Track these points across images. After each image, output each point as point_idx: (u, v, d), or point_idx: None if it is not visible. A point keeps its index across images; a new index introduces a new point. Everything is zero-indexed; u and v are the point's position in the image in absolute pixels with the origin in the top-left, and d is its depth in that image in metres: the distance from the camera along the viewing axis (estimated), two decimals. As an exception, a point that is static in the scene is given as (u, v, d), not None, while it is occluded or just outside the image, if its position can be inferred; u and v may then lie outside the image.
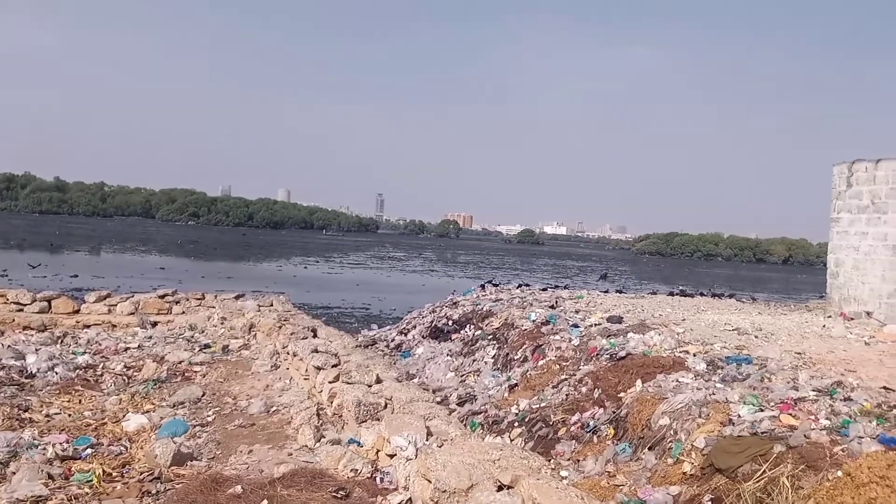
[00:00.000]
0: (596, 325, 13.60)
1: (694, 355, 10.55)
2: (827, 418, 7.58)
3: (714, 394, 8.68)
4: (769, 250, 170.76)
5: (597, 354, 11.67)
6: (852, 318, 14.81)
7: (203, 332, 14.12)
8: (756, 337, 12.43)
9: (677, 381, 9.44)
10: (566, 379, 11.30)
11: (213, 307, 15.29)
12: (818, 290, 17.59)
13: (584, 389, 10.65)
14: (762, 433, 7.33)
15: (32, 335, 13.43)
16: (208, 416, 8.70)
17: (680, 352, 10.87)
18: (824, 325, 14.13)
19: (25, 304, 14.42)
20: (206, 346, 12.76)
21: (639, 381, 9.87)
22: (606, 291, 23.06)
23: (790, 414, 7.73)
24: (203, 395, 9.56)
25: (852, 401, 8.11)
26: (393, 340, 17.86)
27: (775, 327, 13.76)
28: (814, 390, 8.55)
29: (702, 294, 23.60)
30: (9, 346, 12.22)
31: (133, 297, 15.59)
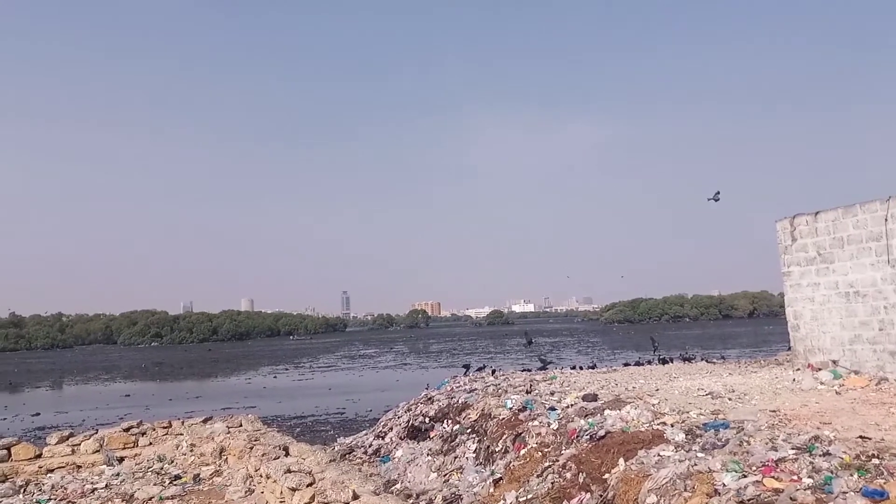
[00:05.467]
0: (572, 405, 13.51)
1: (672, 426, 10.51)
2: (809, 476, 7.56)
3: (696, 464, 8.60)
4: (734, 305, 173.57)
5: (577, 436, 11.54)
6: (820, 369, 15.00)
7: (172, 462, 13.63)
8: (730, 399, 12.47)
9: (658, 455, 9.37)
10: (550, 466, 11.12)
11: (181, 434, 14.81)
12: (786, 340, 17.84)
13: (568, 475, 10.48)
14: (749, 500, 7.27)
15: (-8, 488, 12.78)
16: (183, 554, 8.31)
17: (658, 424, 10.82)
18: (794, 379, 14.27)
19: (-16, 455, 13.78)
20: (177, 477, 12.30)
21: (621, 460, 9.77)
22: (576, 367, 23.07)
23: (773, 476, 7.70)
24: (176, 532, 9.15)
25: (831, 455, 8.11)
26: (370, 446, 17.41)
27: (747, 387, 13.86)
28: (793, 448, 8.54)
29: (669, 360, 23.76)
30: (-34, 503, 11.63)
31: (97, 433, 15.02)
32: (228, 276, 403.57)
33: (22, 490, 12.61)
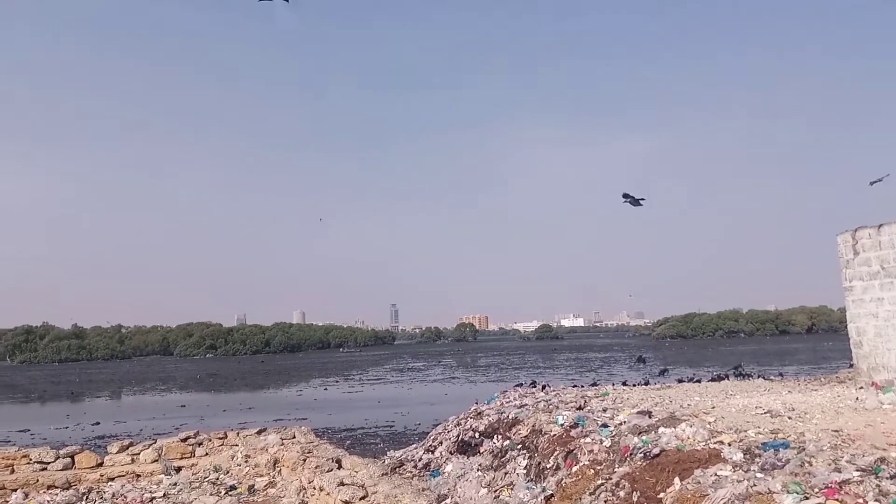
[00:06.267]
0: (625, 422, 13.30)
1: (729, 445, 10.26)
2: (876, 500, 7.30)
3: (755, 485, 8.38)
4: (791, 321, 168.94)
5: (630, 454, 11.36)
6: (884, 387, 14.45)
7: (228, 472, 13.90)
8: (790, 418, 12.10)
9: (716, 474, 9.15)
10: (602, 484, 10.95)
11: (237, 445, 15.09)
12: (847, 357, 17.28)
13: (622, 493, 10.31)
14: (811, 524, 7.06)
15: (57, 494, 13.26)
16: (239, 564, 8.45)
17: (714, 443, 10.57)
18: (857, 398, 13.78)
19: (49, 463, 14.30)
20: (232, 487, 12.54)
21: (677, 479, 9.56)
22: (626, 383, 22.73)
23: (837, 499, 7.46)
24: (232, 542, 9.31)
25: (899, 478, 7.82)
26: (420, 459, 17.43)
27: (808, 405, 13.43)
28: (857, 470, 8.25)
29: (724, 376, 23.22)
30: (33, 509, 12.08)
31: (155, 442, 15.44)
32: (281, 289, 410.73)
33: (85, 497, 13.04)
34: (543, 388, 21.97)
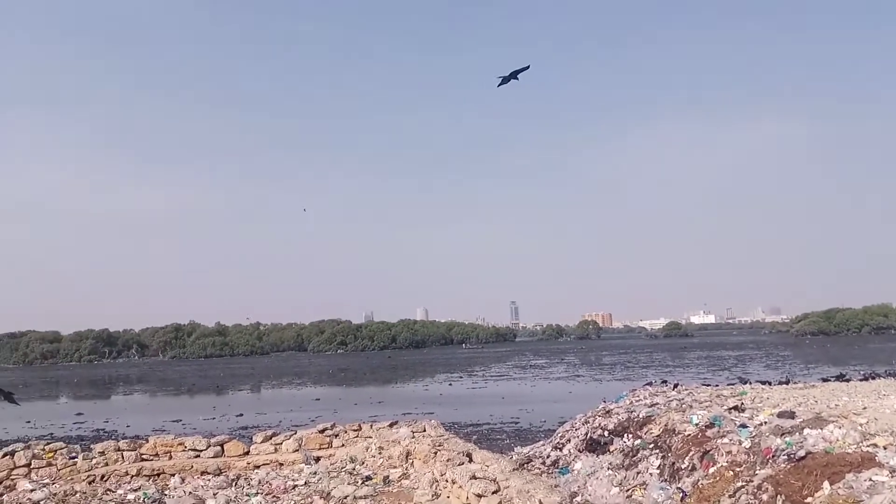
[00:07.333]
0: (766, 422, 12.68)
1: (884, 448, 9.59)
2: None
3: (918, 493, 7.79)
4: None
5: (772, 456, 10.83)
6: None
7: (363, 463, 14.45)
8: (956, 422, 11.11)
9: (871, 479, 8.59)
10: (743, 486, 10.52)
11: (370, 437, 15.66)
12: None
13: (764, 497, 9.87)
14: None
15: (209, 479, 14.27)
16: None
17: (867, 446, 9.91)
18: None
19: (201, 450, 15.41)
20: (368, 478, 13.01)
21: (826, 483, 9.04)
22: (766, 382, 21.59)
23: None
24: (371, 531, 9.68)
25: None
26: (548, 457, 17.37)
27: (977, 408, 12.27)
28: None
29: (874, 375, 21.55)
30: (190, 492, 13.12)
31: (296, 433, 16.28)
32: (405, 287, 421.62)
33: (234, 483, 13.96)
34: (675, 386, 21.28)
